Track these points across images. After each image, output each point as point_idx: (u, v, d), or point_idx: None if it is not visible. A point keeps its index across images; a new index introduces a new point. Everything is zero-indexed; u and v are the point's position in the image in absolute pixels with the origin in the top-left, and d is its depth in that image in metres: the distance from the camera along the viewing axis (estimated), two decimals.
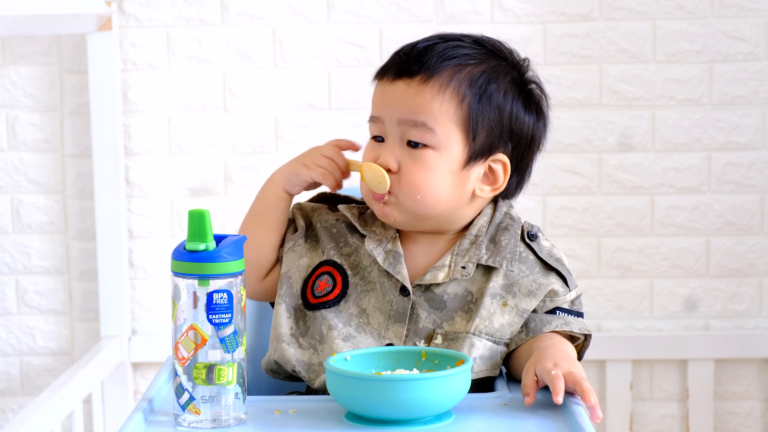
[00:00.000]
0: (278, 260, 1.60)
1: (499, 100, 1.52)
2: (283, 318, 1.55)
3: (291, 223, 1.61)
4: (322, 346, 1.52)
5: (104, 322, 2.66)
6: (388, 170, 1.51)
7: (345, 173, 1.58)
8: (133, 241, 2.69)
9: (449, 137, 1.50)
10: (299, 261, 1.57)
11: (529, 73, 1.57)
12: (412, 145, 1.50)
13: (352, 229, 1.58)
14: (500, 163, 1.54)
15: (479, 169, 1.53)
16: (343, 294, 1.54)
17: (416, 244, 1.56)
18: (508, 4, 2.61)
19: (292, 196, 1.59)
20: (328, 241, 1.58)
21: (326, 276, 1.56)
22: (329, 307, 1.53)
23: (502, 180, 1.54)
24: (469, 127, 1.50)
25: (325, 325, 1.52)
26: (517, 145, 1.54)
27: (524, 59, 1.57)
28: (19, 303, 2.73)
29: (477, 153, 1.51)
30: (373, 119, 1.54)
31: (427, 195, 1.50)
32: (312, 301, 1.55)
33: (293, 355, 1.53)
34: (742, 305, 2.67)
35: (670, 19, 2.60)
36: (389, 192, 1.51)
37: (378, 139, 1.54)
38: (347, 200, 1.63)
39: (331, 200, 1.64)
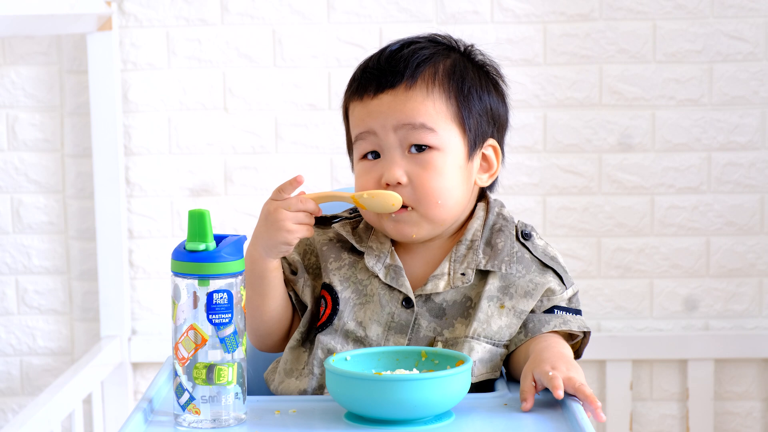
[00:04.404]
0: (294, 309, 1.59)
1: (476, 88, 1.54)
2: (296, 353, 1.55)
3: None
4: (321, 370, 1.51)
5: (104, 322, 2.66)
6: (398, 184, 1.49)
7: (318, 213, 1.51)
8: (133, 241, 2.69)
9: (449, 134, 1.51)
10: (314, 294, 1.57)
11: (479, 57, 1.58)
12: (414, 150, 1.50)
13: (346, 244, 1.57)
14: (490, 147, 1.56)
15: (477, 159, 1.55)
16: (334, 312, 1.53)
17: (412, 253, 1.55)
18: (508, 4, 2.60)
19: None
20: (323, 262, 1.57)
21: (322, 299, 1.55)
22: (323, 329, 1.53)
23: (496, 164, 1.57)
24: (462, 120, 1.52)
25: (322, 350, 1.52)
26: (498, 127, 1.57)
27: (470, 45, 1.59)
28: (19, 303, 2.73)
29: (474, 143, 1.53)
30: (363, 135, 1.52)
31: (446, 198, 1.50)
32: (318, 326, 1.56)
33: (297, 386, 1.53)
34: (742, 305, 2.67)
35: (670, 19, 2.60)
36: (411, 207, 1.50)
37: (368, 156, 1.53)
38: (333, 216, 1.60)
39: (318, 219, 1.60)
